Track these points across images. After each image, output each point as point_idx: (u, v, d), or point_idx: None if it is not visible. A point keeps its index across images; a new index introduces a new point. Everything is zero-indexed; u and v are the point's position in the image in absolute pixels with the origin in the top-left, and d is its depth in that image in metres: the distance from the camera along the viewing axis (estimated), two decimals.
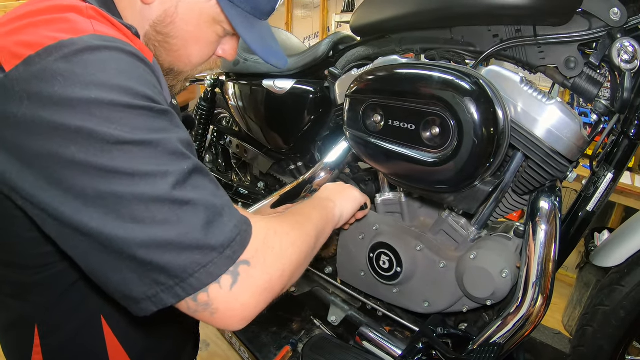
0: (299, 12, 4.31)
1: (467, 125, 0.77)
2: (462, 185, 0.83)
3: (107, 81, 0.43)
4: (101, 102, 0.42)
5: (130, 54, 0.47)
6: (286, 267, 0.54)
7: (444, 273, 0.97)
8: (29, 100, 0.42)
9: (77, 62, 0.43)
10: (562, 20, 0.82)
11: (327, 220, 0.74)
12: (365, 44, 1.16)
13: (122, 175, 0.42)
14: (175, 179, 0.44)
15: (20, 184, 0.43)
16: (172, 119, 0.48)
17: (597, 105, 0.85)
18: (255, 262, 0.49)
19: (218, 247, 0.46)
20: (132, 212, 0.43)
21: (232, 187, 1.68)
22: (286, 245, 0.55)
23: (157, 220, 0.43)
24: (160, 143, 0.45)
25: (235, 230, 0.48)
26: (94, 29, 0.46)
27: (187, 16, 0.59)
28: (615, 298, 0.93)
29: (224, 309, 0.47)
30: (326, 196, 0.83)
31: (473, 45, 0.94)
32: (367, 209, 0.99)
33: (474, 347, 0.89)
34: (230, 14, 0.58)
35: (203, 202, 0.46)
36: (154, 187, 0.43)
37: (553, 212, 0.84)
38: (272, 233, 0.54)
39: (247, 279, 0.48)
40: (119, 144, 0.42)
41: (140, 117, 0.44)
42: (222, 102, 1.74)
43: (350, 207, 0.86)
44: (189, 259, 0.44)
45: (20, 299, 0.61)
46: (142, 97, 0.45)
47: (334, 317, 1.26)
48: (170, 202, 0.44)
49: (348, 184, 0.91)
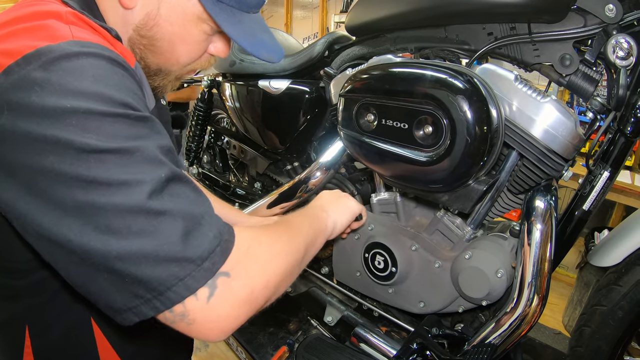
0: (298, 12, 4.31)
1: (460, 123, 0.76)
2: (455, 184, 0.83)
3: (84, 89, 0.43)
4: (77, 111, 0.42)
5: (109, 59, 0.47)
6: (270, 279, 0.52)
7: (439, 273, 0.96)
8: (8, 110, 0.42)
9: (54, 70, 0.42)
10: (557, 18, 0.81)
11: (319, 231, 0.72)
12: (360, 43, 1.16)
13: (99, 185, 0.42)
14: (152, 187, 0.44)
15: (2, 193, 0.43)
16: (152, 125, 0.48)
17: (593, 103, 0.84)
18: (236, 273, 0.48)
19: (196, 259, 0.45)
20: (108, 223, 0.42)
21: (230, 188, 1.67)
22: (271, 256, 0.54)
23: (133, 232, 0.42)
24: (137, 151, 0.44)
25: (215, 241, 0.47)
26: (72, 35, 0.46)
27: (170, 17, 0.57)
28: (613, 298, 0.92)
29: (201, 320, 0.46)
30: (320, 205, 0.80)
31: (468, 43, 0.93)
32: (363, 219, 0.96)
33: (469, 347, 0.88)
34: (213, 11, 0.56)
35: (181, 211, 0.45)
36: (130, 197, 0.42)
37: (549, 211, 0.83)
38: (257, 244, 0.52)
39: (225, 291, 0.47)
40: (95, 152, 0.42)
41: (116, 125, 0.44)
42: (219, 102, 1.74)
43: (345, 218, 0.83)
44: (167, 271, 0.43)
45: (10, 301, 0.60)
46: (120, 104, 0.45)
47: (331, 318, 1.25)
48: (145, 212, 0.43)
49: (344, 193, 0.89)
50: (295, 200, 1.26)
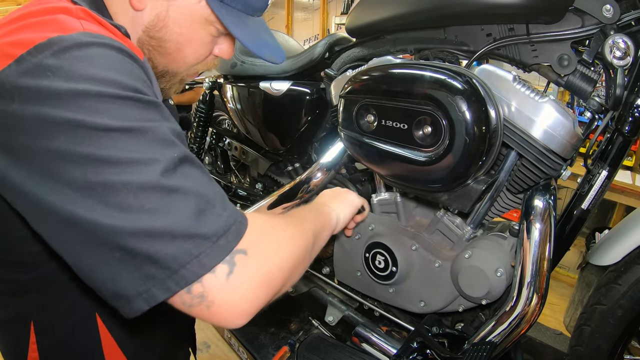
0: (299, 14, 4.33)
1: (459, 124, 0.77)
2: (454, 184, 0.83)
3: (95, 75, 0.44)
4: (88, 94, 0.42)
5: (119, 49, 0.47)
6: (285, 262, 0.52)
7: (439, 272, 0.97)
8: (19, 96, 0.42)
9: (66, 58, 0.43)
10: (555, 18, 0.82)
11: (324, 223, 0.73)
12: (360, 45, 1.16)
13: (110, 164, 0.42)
14: (164, 166, 0.44)
15: (12, 178, 0.44)
16: (162, 111, 0.48)
17: (591, 103, 0.84)
18: (253, 252, 0.47)
19: (211, 235, 0.44)
20: (120, 201, 0.42)
21: (231, 189, 1.68)
22: (284, 239, 0.53)
23: (146, 209, 0.42)
24: (149, 131, 0.44)
25: (229, 220, 0.46)
26: (83, 28, 0.47)
27: (178, 19, 0.59)
28: (613, 297, 0.92)
29: (220, 301, 0.45)
30: (322, 202, 0.81)
31: (467, 44, 0.94)
32: (366, 211, 0.98)
33: (469, 346, 0.88)
34: (221, 13, 0.58)
35: (194, 190, 0.45)
36: (142, 175, 0.42)
37: (547, 211, 0.84)
38: (269, 226, 0.53)
39: (244, 268, 0.46)
40: (106, 131, 0.42)
41: (127, 107, 0.44)
42: (220, 104, 1.75)
43: (348, 211, 0.85)
44: (180, 248, 0.43)
45: (16, 297, 0.61)
46: (131, 89, 0.45)
47: (332, 318, 1.26)
48: (158, 189, 0.43)
49: (344, 189, 0.91)
50: (296, 201, 1.27)
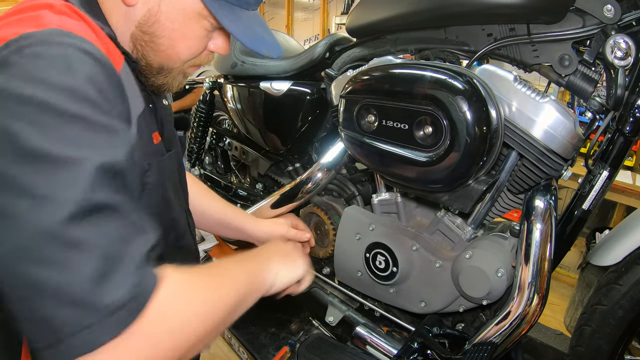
0: (299, 14, 4.33)
1: (460, 124, 0.77)
2: (455, 184, 0.83)
3: (49, 77, 0.42)
4: (31, 102, 0.41)
5: (86, 52, 0.46)
6: (181, 345, 0.47)
7: (439, 273, 0.97)
8: None
9: (27, 54, 0.43)
10: (556, 18, 0.81)
11: (255, 288, 0.66)
12: (360, 45, 1.16)
13: (24, 194, 0.38)
14: (74, 209, 0.39)
15: None
16: (110, 135, 0.45)
17: (592, 103, 0.84)
18: (149, 330, 0.43)
19: (104, 307, 0.39)
20: (18, 241, 0.38)
21: (231, 189, 1.68)
22: (189, 318, 0.48)
23: (40, 259, 0.38)
24: (76, 163, 0.40)
25: (132, 291, 0.41)
26: (59, 24, 0.47)
27: (171, 14, 0.58)
28: (613, 297, 0.92)
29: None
30: (267, 257, 0.74)
31: (467, 44, 0.94)
32: (302, 287, 0.84)
33: (470, 346, 0.88)
34: (213, 7, 0.58)
35: (100, 247, 0.40)
36: (46, 216, 0.38)
37: (548, 211, 0.84)
38: (181, 301, 0.48)
39: (126, 349, 0.41)
40: (33, 155, 0.39)
41: (68, 127, 0.41)
42: (220, 104, 1.75)
43: (287, 279, 0.75)
44: (70, 314, 0.38)
45: None
46: (82, 99, 0.43)
47: (332, 318, 1.25)
48: (59, 238, 0.38)
49: (300, 249, 0.82)
50: (296, 202, 1.27)
